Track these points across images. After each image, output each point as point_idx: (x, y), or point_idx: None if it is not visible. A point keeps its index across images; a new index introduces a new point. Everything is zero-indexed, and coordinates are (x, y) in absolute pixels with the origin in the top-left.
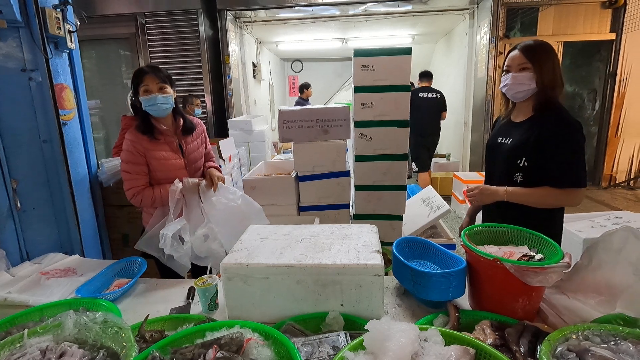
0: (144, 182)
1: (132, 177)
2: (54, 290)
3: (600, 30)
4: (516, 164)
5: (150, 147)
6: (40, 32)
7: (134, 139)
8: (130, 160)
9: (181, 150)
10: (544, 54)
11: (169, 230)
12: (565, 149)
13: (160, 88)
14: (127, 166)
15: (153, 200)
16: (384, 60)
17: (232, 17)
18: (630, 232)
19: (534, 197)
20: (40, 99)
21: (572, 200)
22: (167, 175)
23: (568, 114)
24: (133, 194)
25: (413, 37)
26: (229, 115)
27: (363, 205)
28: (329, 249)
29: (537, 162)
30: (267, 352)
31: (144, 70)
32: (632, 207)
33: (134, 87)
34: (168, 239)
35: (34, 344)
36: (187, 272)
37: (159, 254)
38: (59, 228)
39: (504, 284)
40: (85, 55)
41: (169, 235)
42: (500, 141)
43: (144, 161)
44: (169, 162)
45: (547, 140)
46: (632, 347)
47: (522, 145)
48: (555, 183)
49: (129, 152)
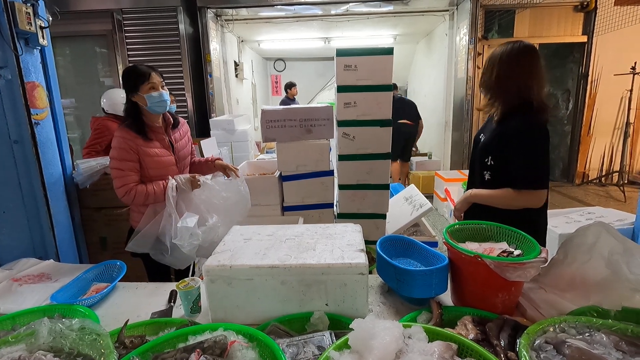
0: (136, 179)
1: (124, 174)
2: (27, 297)
3: (573, 32)
4: (484, 162)
5: (143, 145)
6: (9, 27)
7: (126, 136)
8: (123, 157)
9: (172, 147)
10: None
11: (188, 223)
12: (524, 150)
13: (162, 85)
14: (119, 163)
15: (146, 197)
16: (366, 60)
17: (213, 15)
18: (602, 227)
19: (494, 198)
20: (9, 98)
21: (530, 201)
22: (159, 172)
23: (535, 116)
24: (125, 192)
25: (395, 37)
26: (210, 115)
27: (347, 204)
28: (313, 248)
29: (500, 161)
30: (252, 354)
31: (148, 68)
32: (603, 203)
33: (133, 85)
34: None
35: (5, 354)
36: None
37: (154, 252)
38: (32, 232)
39: (484, 279)
40: (59, 53)
41: (190, 226)
42: (479, 138)
43: (136, 158)
44: (161, 159)
45: (508, 141)
46: (605, 337)
47: (490, 143)
48: (514, 184)
49: (122, 149)
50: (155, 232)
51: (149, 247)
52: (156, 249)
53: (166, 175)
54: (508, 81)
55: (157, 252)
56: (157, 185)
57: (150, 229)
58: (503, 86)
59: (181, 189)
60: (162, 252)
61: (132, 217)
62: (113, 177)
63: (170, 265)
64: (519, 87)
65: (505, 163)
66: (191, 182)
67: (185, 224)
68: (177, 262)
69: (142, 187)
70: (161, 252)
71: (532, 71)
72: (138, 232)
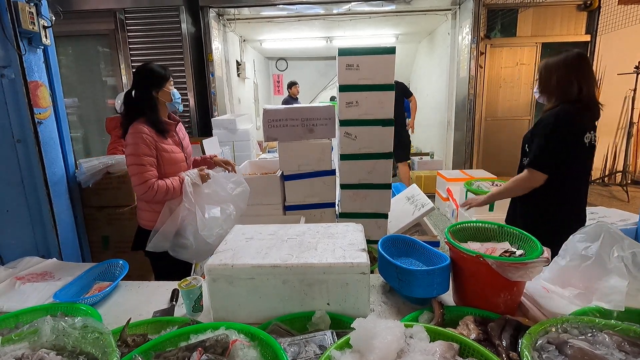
0: (155, 174)
1: (144, 169)
2: (30, 296)
3: (577, 32)
4: (524, 149)
5: (160, 140)
6: (13, 27)
7: (144, 131)
8: (142, 152)
9: (181, 144)
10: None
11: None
12: (539, 133)
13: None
14: (138, 159)
15: (167, 193)
16: (368, 59)
17: (215, 15)
18: (604, 227)
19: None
20: (13, 97)
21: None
22: (173, 168)
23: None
24: (148, 188)
25: (397, 36)
26: (212, 114)
27: (348, 203)
28: (314, 248)
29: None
30: (253, 354)
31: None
32: (606, 203)
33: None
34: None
35: (9, 352)
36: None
37: (173, 249)
38: (35, 231)
39: (486, 279)
40: (62, 52)
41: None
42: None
43: (155, 154)
44: (175, 155)
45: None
46: (608, 337)
47: (529, 133)
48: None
49: (140, 144)
50: (173, 229)
51: (168, 245)
52: (176, 245)
53: (178, 172)
54: (569, 85)
55: (177, 249)
56: (175, 180)
57: (169, 227)
58: (564, 89)
59: (195, 183)
60: (184, 247)
61: (141, 217)
62: (132, 173)
63: (190, 260)
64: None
65: None
66: (201, 176)
67: (212, 214)
68: (199, 255)
69: (163, 183)
70: (183, 247)
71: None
72: (156, 231)
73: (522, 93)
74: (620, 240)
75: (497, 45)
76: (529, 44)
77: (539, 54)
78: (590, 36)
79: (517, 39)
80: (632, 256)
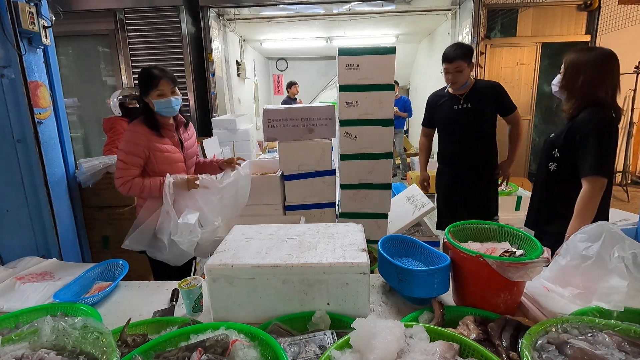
0: (136, 174)
1: (127, 166)
2: (30, 295)
3: (577, 32)
4: (551, 154)
5: (156, 140)
6: (13, 27)
7: (139, 131)
8: (130, 150)
9: (181, 145)
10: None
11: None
12: (593, 138)
13: (172, 91)
14: (125, 156)
15: (141, 190)
16: (368, 59)
17: (215, 15)
18: (606, 227)
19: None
20: (13, 97)
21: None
22: (169, 168)
23: (602, 110)
24: (122, 182)
25: (397, 36)
26: (212, 114)
27: (349, 203)
28: (314, 248)
29: (567, 150)
30: (253, 354)
31: (158, 74)
32: None
33: (144, 90)
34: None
35: (9, 352)
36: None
37: (151, 249)
38: (35, 231)
39: (486, 279)
40: (61, 52)
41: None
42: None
43: (144, 155)
44: (171, 155)
45: (577, 131)
46: (608, 338)
47: (558, 137)
48: (582, 171)
49: (131, 142)
50: (151, 229)
51: (145, 244)
52: (152, 246)
53: (175, 171)
54: (598, 86)
55: (153, 249)
56: (154, 180)
57: (147, 226)
58: (590, 90)
59: (178, 187)
60: (159, 249)
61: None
62: (116, 167)
63: (167, 262)
64: (606, 90)
65: (573, 152)
66: (188, 181)
67: (186, 220)
68: (174, 258)
69: (139, 180)
70: (158, 249)
71: (614, 76)
72: (135, 228)
73: (522, 93)
74: (621, 241)
75: (497, 45)
76: (529, 44)
77: (539, 54)
78: (590, 36)
79: (517, 39)
80: (632, 257)
